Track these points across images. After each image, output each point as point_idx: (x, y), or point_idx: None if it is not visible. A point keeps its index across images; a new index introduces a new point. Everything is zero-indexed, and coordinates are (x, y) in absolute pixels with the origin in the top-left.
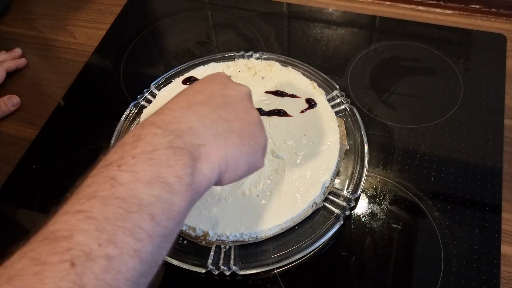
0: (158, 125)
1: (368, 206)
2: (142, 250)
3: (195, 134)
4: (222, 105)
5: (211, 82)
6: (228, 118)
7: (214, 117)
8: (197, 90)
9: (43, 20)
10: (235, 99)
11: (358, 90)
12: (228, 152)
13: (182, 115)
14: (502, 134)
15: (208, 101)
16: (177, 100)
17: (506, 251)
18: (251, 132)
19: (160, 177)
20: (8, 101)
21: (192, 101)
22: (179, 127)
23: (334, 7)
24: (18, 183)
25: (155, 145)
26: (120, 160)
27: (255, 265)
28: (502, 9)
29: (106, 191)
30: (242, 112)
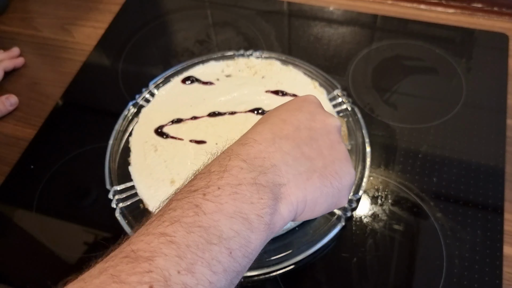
0: (243, 159)
1: (369, 207)
2: (216, 284)
3: (277, 172)
4: (307, 140)
5: (299, 109)
6: (311, 156)
7: (297, 154)
8: (283, 119)
9: (41, 19)
10: (321, 132)
11: (360, 90)
12: (308, 194)
13: (266, 150)
14: (505, 134)
15: (292, 135)
16: (262, 130)
17: (508, 252)
18: (336, 171)
19: (242, 213)
20: (6, 100)
21: (277, 133)
22: (263, 163)
23: (335, 5)
24: (16, 183)
25: (240, 179)
26: (206, 188)
27: (255, 267)
28: (504, 8)
29: (190, 218)
30: (327, 148)
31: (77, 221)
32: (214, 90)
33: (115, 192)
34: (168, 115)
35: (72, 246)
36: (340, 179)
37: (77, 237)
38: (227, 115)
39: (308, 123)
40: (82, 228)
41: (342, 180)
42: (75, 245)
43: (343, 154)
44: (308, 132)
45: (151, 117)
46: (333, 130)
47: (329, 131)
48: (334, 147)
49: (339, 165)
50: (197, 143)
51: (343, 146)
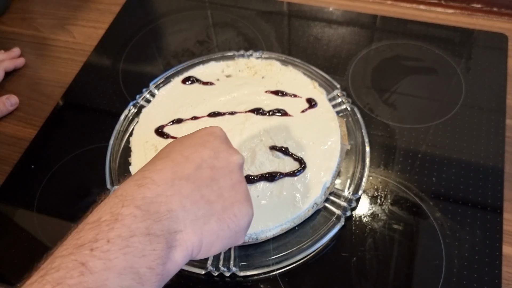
0: (138, 204)
1: (369, 206)
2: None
3: (174, 218)
4: (208, 181)
5: (203, 145)
6: (210, 199)
7: (197, 197)
8: (186, 156)
9: (42, 19)
10: (223, 172)
11: (359, 90)
12: (204, 238)
13: (164, 193)
14: (504, 134)
15: (193, 175)
16: (163, 167)
17: (507, 252)
18: (234, 214)
19: (133, 268)
20: (7, 100)
21: (177, 173)
22: (159, 209)
23: (335, 6)
24: (17, 183)
25: (133, 230)
26: (94, 242)
27: (255, 266)
28: (503, 9)
29: (74, 279)
30: (228, 189)
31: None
32: (214, 90)
33: None
34: (169, 115)
35: None
36: (238, 221)
37: None
38: (227, 115)
39: (211, 162)
40: None
41: (240, 222)
42: None
43: (243, 194)
44: (210, 172)
45: (151, 117)
46: (235, 169)
47: (231, 170)
48: (235, 187)
49: (238, 207)
50: None
51: (244, 185)
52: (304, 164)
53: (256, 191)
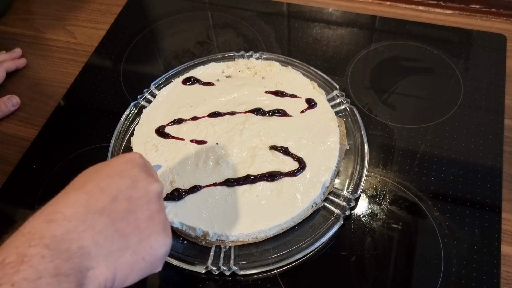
0: (47, 243)
1: (368, 206)
2: None
3: (85, 255)
4: (123, 213)
5: (120, 175)
6: (125, 232)
7: (111, 231)
8: (101, 188)
9: (43, 20)
10: (140, 203)
11: (358, 90)
12: (118, 272)
13: (75, 229)
14: (502, 134)
15: (109, 208)
16: (76, 200)
17: (506, 251)
18: (150, 246)
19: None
20: (8, 101)
21: (91, 206)
22: (70, 246)
23: (334, 7)
24: (18, 183)
25: (40, 271)
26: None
27: (255, 265)
28: (502, 9)
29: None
30: (145, 220)
31: None
32: (215, 91)
33: None
34: (169, 115)
35: None
36: (155, 253)
37: None
38: (227, 115)
39: (128, 192)
40: None
41: (156, 253)
42: None
43: (161, 225)
44: (126, 204)
45: (152, 118)
46: (153, 198)
47: (149, 200)
48: (153, 218)
49: (155, 238)
50: (197, 143)
51: (163, 215)
52: (303, 164)
53: (256, 191)
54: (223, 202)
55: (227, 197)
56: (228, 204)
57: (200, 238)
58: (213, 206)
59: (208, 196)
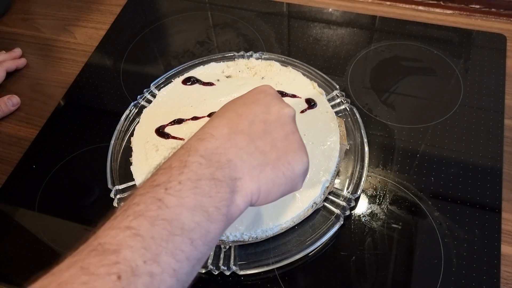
0: (201, 154)
1: (368, 206)
2: (180, 271)
3: (233, 167)
4: (261, 134)
5: (255, 102)
6: (265, 149)
7: (251, 149)
8: (239, 114)
9: (43, 20)
10: (275, 125)
11: (358, 90)
12: (261, 185)
13: (222, 146)
14: (502, 134)
15: (247, 130)
16: (219, 125)
17: (506, 251)
18: (288, 162)
19: (202, 206)
20: (8, 101)
21: (232, 128)
22: (220, 159)
23: (334, 7)
24: (18, 183)
25: (199, 175)
26: (167, 183)
27: (255, 265)
28: (502, 9)
29: (153, 212)
30: (281, 140)
31: (79, 221)
32: (215, 91)
33: (117, 192)
34: (169, 115)
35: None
36: (293, 169)
37: (78, 236)
38: None
39: (263, 116)
40: (83, 227)
41: (295, 169)
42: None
43: (296, 144)
44: (262, 126)
45: (152, 118)
46: (287, 121)
47: (283, 123)
48: (288, 138)
49: (292, 156)
50: None
51: (297, 135)
52: None
53: None
54: None
55: None
56: None
57: None
58: None
59: None
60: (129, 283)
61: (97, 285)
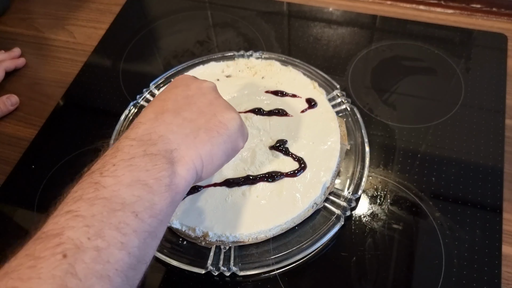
0: (132, 138)
1: (368, 206)
2: (129, 244)
3: (166, 141)
4: (185, 106)
5: (175, 86)
6: (192, 118)
7: (179, 120)
8: (162, 99)
9: (42, 19)
10: (197, 96)
11: (359, 90)
12: (199, 150)
13: (151, 126)
14: (503, 134)
15: (172, 107)
16: (146, 113)
17: (507, 252)
18: (219, 121)
19: (140, 180)
20: (7, 100)
21: (158, 111)
22: (151, 137)
23: (334, 6)
24: (17, 183)
25: (132, 154)
26: (102, 168)
27: (255, 265)
28: (503, 9)
29: (91, 194)
30: (206, 106)
31: None
32: None
33: None
34: None
35: None
36: (226, 126)
37: None
38: None
39: (185, 93)
40: None
41: (228, 125)
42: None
43: (222, 105)
44: (186, 100)
45: None
46: (208, 91)
47: (204, 93)
48: (212, 103)
49: (221, 115)
50: None
51: (221, 99)
52: (304, 164)
53: (256, 191)
54: (223, 202)
55: (227, 198)
56: (228, 205)
57: (200, 239)
58: (213, 206)
59: (208, 197)
60: (76, 259)
61: (43, 266)
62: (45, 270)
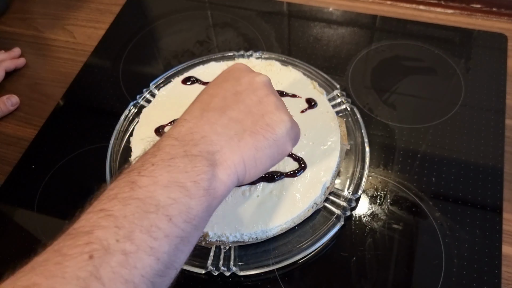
0: (175, 137)
1: (368, 206)
2: (159, 249)
3: (209, 142)
4: (233, 105)
5: (225, 80)
6: (239, 118)
7: (225, 121)
8: (210, 94)
9: (42, 19)
10: (247, 93)
11: (359, 90)
12: (244, 154)
13: (195, 125)
14: (503, 134)
15: (219, 105)
16: (192, 109)
17: (507, 252)
18: (266, 124)
19: (178, 182)
20: (7, 100)
21: (204, 108)
22: (193, 137)
23: (334, 6)
24: (17, 183)
25: (172, 154)
26: (140, 167)
27: (255, 266)
28: (503, 9)
29: (126, 193)
30: (255, 105)
31: None
32: None
33: None
34: (169, 115)
35: None
36: (273, 130)
37: None
38: None
39: (234, 89)
40: None
41: (275, 129)
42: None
43: (272, 105)
44: (234, 97)
45: (151, 117)
46: (259, 86)
47: (255, 88)
48: (262, 101)
49: (269, 117)
50: None
51: (272, 97)
52: (304, 164)
53: (256, 191)
54: (223, 202)
55: (227, 198)
56: (228, 205)
57: (200, 239)
58: None
59: None
60: (102, 261)
61: (69, 265)
62: (70, 269)
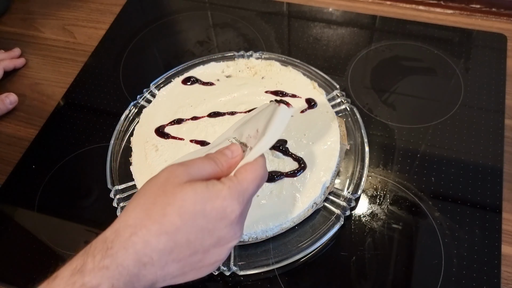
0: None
1: (368, 206)
2: None
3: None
4: (194, 263)
5: (209, 233)
6: (185, 271)
7: (178, 273)
8: (188, 240)
9: (43, 19)
10: (212, 255)
11: (359, 90)
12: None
13: (155, 273)
14: (503, 134)
15: (185, 259)
16: (164, 248)
17: (506, 251)
18: (193, 276)
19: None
20: (6, 99)
21: (173, 257)
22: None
23: (334, 6)
24: (18, 183)
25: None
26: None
27: (255, 265)
28: (502, 9)
29: None
30: (206, 266)
31: (78, 221)
32: (214, 91)
33: (117, 192)
34: (169, 115)
35: (73, 246)
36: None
37: (78, 236)
38: (227, 115)
39: (208, 248)
40: (83, 227)
41: (197, 277)
42: (76, 244)
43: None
44: (201, 256)
45: (152, 117)
46: (226, 252)
47: (221, 253)
48: (214, 265)
49: (201, 273)
50: (197, 143)
51: (219, 263)
52: (304, 164)
53: None
54: None
55: None
56: None
57: None
58: None
59: None
60: None
61: None
62: None
